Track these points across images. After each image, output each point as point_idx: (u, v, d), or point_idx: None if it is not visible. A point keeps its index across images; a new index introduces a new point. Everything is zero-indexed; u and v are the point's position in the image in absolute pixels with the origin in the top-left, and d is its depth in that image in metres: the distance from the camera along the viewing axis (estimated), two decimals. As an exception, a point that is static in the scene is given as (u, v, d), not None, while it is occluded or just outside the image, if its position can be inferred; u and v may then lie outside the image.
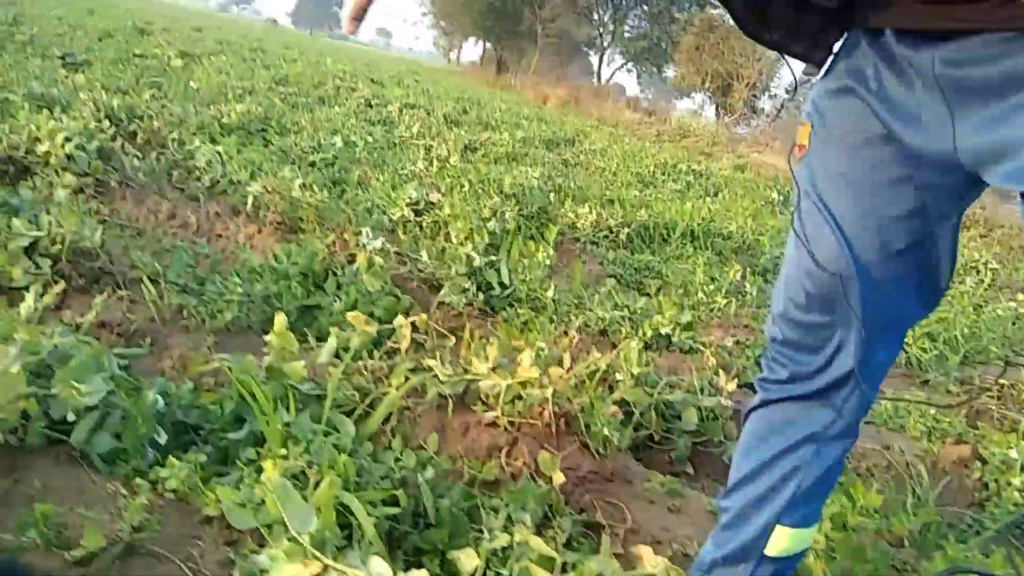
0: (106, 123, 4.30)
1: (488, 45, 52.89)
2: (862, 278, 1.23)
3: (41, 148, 3.41)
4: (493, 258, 3.22)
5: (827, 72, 1.28)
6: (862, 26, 1.21)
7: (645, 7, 40.93)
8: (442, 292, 3.00)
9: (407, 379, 2.02)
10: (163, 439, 1.74)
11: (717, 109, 29.17)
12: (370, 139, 6.68)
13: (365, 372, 2.19)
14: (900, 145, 1.16)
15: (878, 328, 1.28)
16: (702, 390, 2.56)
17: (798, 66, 1.35)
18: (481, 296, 3.06)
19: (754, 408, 1.45)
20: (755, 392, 1.45)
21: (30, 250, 2.40)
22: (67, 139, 3.40)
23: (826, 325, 1.30)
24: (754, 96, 28.37)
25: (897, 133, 1.15)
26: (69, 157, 3.36)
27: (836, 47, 1.28)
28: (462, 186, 5.01)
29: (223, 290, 2.51)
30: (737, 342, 3.36)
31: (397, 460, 1.81)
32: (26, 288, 2.36)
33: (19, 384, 1.55)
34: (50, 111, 4.81)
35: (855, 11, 1.22)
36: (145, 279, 2.42)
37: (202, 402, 1.95)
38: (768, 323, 1.41)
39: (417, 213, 4.08)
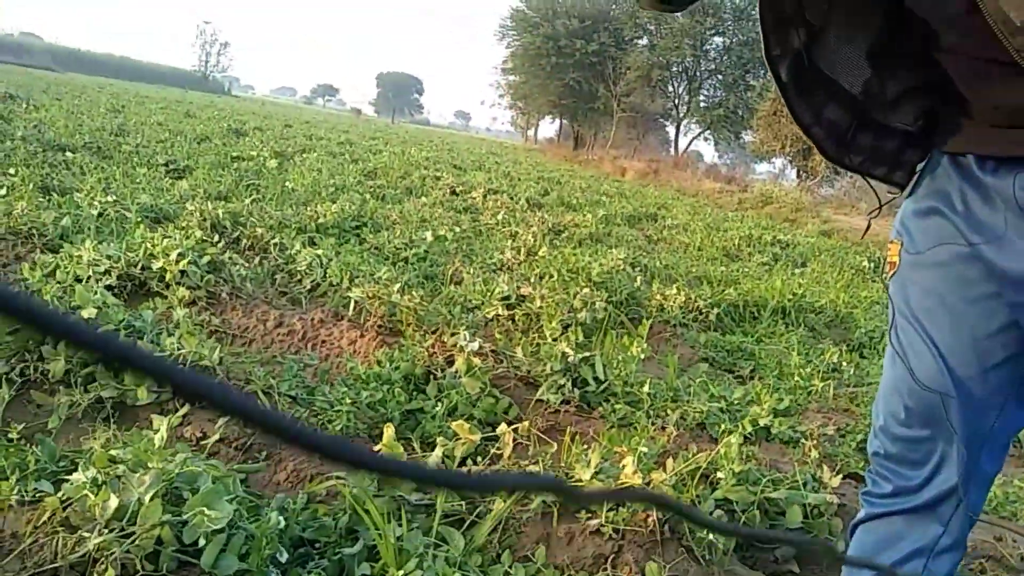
0: (215, 236, 4.58)
1: (564, 121, 53.89)
2: (961, 394, 1.25)
3: (156, 264, 3.65)
4: (587, 353, 3.27)
5: (912, 191, 1.32)
6: (941, 149, 1.25)
7: (720, 76, 41.19)
8: (540, 391, 3.06)
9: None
10: (284, 557, 1.82)
11: (799, 172, 28.90)
12: (457, 229, 6.87)
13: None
14: (987, 263, 1.18)
15: (980, 440, 1.29)
16: (805, 484, 2.52)
17: (880, 187, 1.40)
18: (577, 392, 3.10)
19: (860, 522, 1.45)
20: (859, 483, 1.45)
21: (154, 369, 2.56)
22: (180, 255, 3.62)
23: (928, 439, 1.31)
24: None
25: (983, 252, 1.18)
26: (183, 272, 3.58)
27: (919, 167, 1.32)
28: (551, 275, 5.11)
29: (332, 400, 2.62)
30: (838, 429, 3.31)
31: (507, 574, 1.85)
32: (152, 406, 2.53)
33: (155, 512, 1.66)
34: (160, 224, 5.16)
35: (935, 134, 1.26)
36: (259, 393, 2.55)
37: (318, 515, 2.03)
38: (870, 437, 1.42)
39: (509, 307, 4.17)
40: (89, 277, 3.49)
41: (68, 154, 8.11)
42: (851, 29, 1.18)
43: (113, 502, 1.68)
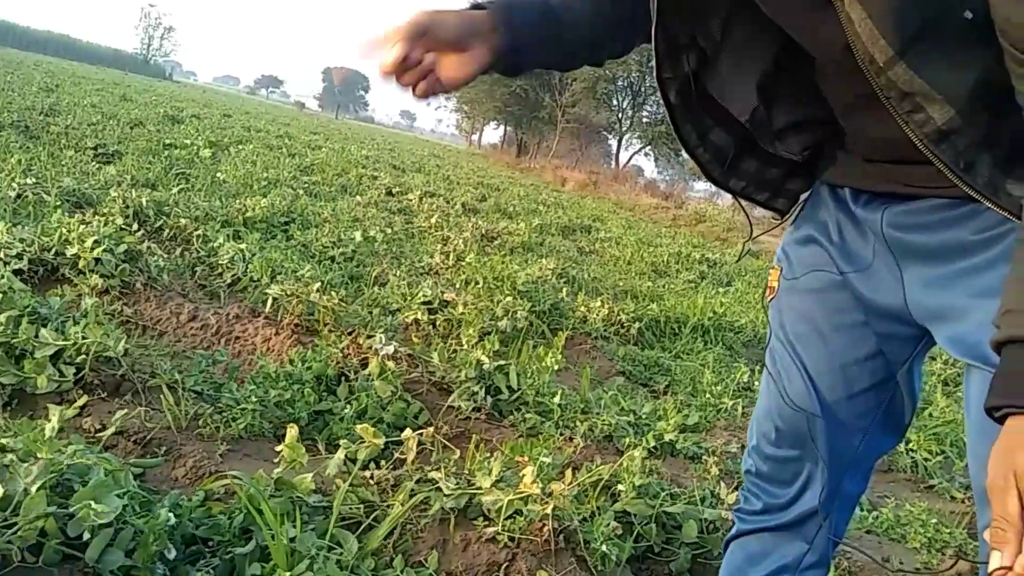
0: (134, 225, 4.49)
1: (508, 128, 54.08)
2: (826, 416, 1.31)
3: (70, 251, 3.56)
4: (503, 362, 3.30)
5: (794, 220, 1.38)
6: (822, 180, 1.31)
7: (663, 93, 41.74)
8: (451, 397, 3.07)
9: (412, 494, 2.08)
10: (172, 554, 1.80)
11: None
12: (389, 231, 6.85)
13: (371, 483, 2.26)
14: (856, 292, 1.24)
15: (844, 463, 1.35)
16: (703, 500, 2.59)
17: (757, 211, 1.45)
18: (489, 400, 3.13)
19: (732, 538, 1.51)
20: None
21: (55, 358, 2.51)
22: (96, 243, 3.55)
23: (796, 459, 1.37)
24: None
25: (852, 281, 1.24)
26: (97, 260, 3.50)
27: (803, 197, 1.38)
28: (476, 282, 5.13)
29: (238, 397, 2.60)
30: (742, 447, 3.40)
31: (398, 578, 1.87)
32: (52, 395, 2.48)
33: (40, 504, 1.63)
34: (81, 209, 5.04)
35: (816, 165, 1.32)
36: (164, 387, 2.52)
37: (212, 513, 2.02)
38: (744, 456, 1.48)
39: (431, 311, 4.18)
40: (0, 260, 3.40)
41: (-11, 133, 7.86)
42: (742, 59, 1.20)
43: (-4, 492, 1.65)
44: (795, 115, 1.24)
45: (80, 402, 2.19)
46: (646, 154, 44.92)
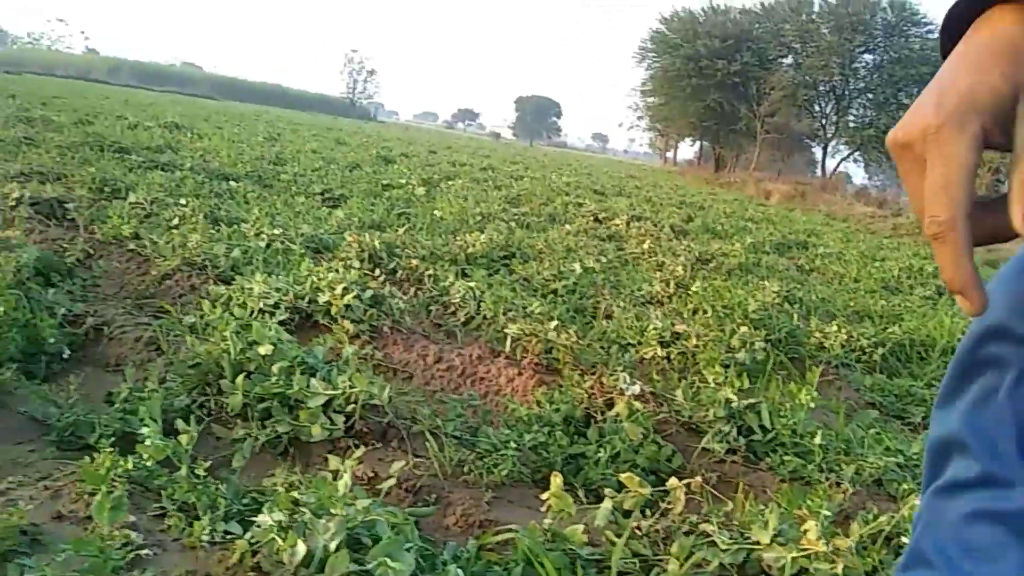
0: (373, 267, 4.72)
1: (704, 143, 53.05)
2: None
3: (322, 298, 3.77)
4: (752, 400, 3.15)
5: None
6: None
7: (870, 95, 39.55)
8: (704, 439, 2.96)
9: (691, 553, 1.99)
10: (461, 609, 1.81)
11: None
12: (603, 259, 6.82)
13: (639, 531, 2.19)
14: None
15: None
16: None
17: None
18: (743, 441, 2.99)
19: None
20: None
21: (325, 407, 2.63)
22: (346, 290, 3.73)
23: None
24: (998, 181, 26.37)
25: None
26: (347, 307, 3.68)
27: None
28: (704, 311, 4.98)
29: (496, 443, 2.62)
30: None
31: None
32: (324, 443, 2.60)
33: (343, 562, 1.68)
34: (320, 253, 5.36)
35: None
36: (427, 434, 2.58)
37: (490, 566, 2.02)
38: None
39: (663, 344, 4.09)
40: (261, 310, 3.65)
41: (231, 183, 8.56)
42: None
43: (301, 549, 1.72)
44: None
45: (358, 454, 2.27)
46: (855, 160, 42.60)
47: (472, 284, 4.69)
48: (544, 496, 2.24)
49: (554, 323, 3.72)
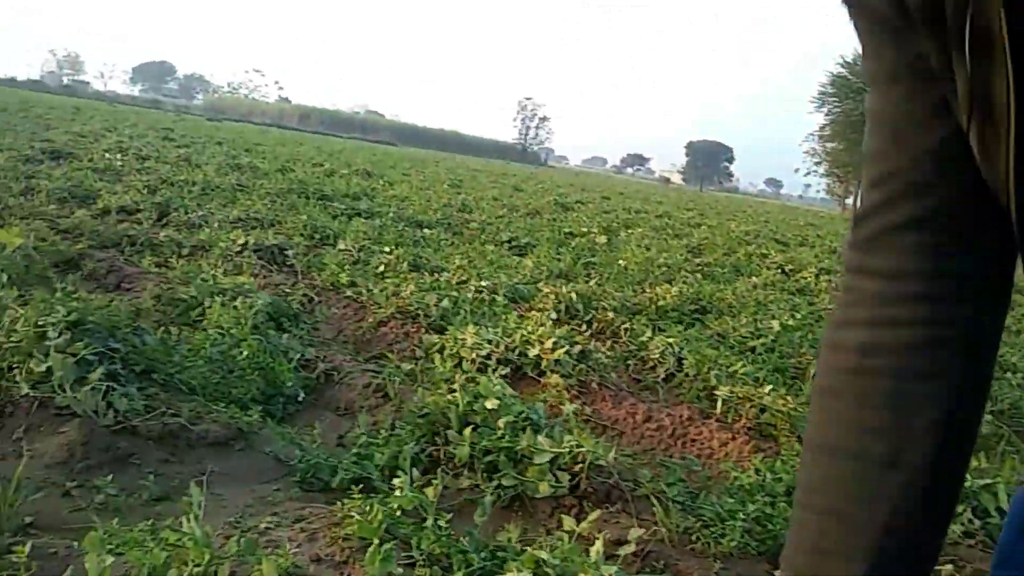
0: (568, 318, 4.80)
1: (889, 190, 50.66)
2: None
3: (532, 351, 3.87)
4: (987, 481, 2.96)
5: None
6: None
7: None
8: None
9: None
10: None
11: None
12: (798, 315, 6.61)
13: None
14: None
15: None
16: None
17: None
18: (978, 523, 2.81)
19: None
20: None
21: (551, 464, 2.69)
22: (556, 344, 3.81)
23: None
24: None
25: None
26: (556, 361, 3.76)
27: None
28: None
29: (722, 512, 2.59)
30: None
31: None
32: (548, 499, 2.65)
33: (600, 631, 1.71)
34: (516, 303, 5.50)
35: None
36: (652, 498, 2.58)
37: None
38: None
39: (877, 411, 3.91)
40: (472, 360, 3.79)
41: (425, 231, 8.96)
42: None
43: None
44: None
45: (593, 516, 2.30)
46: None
47: (671, 340, 4.67)
48: (777, 574, 2.19)
49: (768, 387, 3.65)
